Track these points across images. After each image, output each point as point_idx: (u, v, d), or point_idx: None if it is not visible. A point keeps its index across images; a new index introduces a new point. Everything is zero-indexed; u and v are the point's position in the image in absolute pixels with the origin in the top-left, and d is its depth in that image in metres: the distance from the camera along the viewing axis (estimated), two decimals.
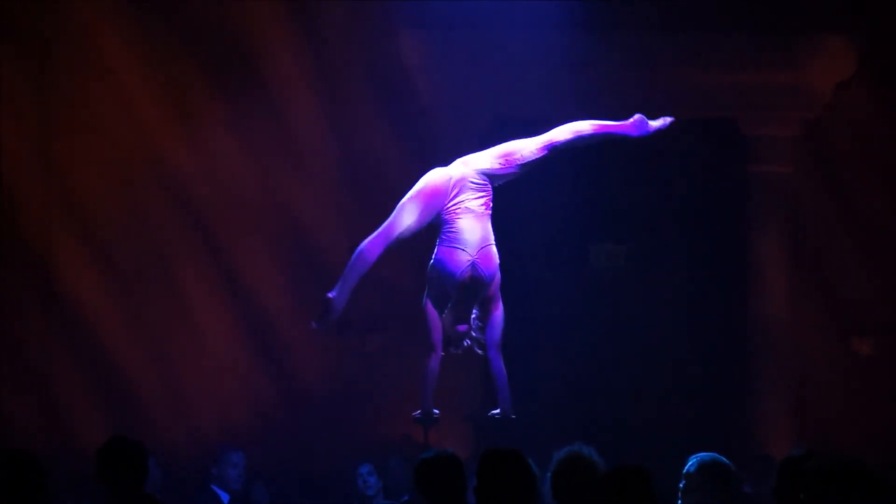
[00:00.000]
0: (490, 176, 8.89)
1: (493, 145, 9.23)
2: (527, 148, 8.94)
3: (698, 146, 13.17)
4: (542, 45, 12.21)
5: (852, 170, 13.13)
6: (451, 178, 8.87)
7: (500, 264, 8.95)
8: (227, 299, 12.74)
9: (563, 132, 9.01)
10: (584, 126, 9.09)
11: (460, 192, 8.86)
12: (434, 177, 8.87)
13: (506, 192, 9.09)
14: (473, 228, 8.82)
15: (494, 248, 8.90)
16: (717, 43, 12.73)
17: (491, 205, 8.94)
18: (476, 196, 8.87)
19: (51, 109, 12.52)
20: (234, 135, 12.74)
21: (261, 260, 12.77)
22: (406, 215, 8.90)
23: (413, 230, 8.84)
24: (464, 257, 8.79)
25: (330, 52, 12.80)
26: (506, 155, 8.92)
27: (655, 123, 9.16)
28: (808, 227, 13.17)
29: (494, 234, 8.96)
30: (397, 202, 11.78)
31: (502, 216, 9.03)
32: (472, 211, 8.84)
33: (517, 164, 8.91)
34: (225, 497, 10.98)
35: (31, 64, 12.46)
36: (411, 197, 8.89)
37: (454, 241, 8.81)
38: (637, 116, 9.10)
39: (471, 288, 8.82)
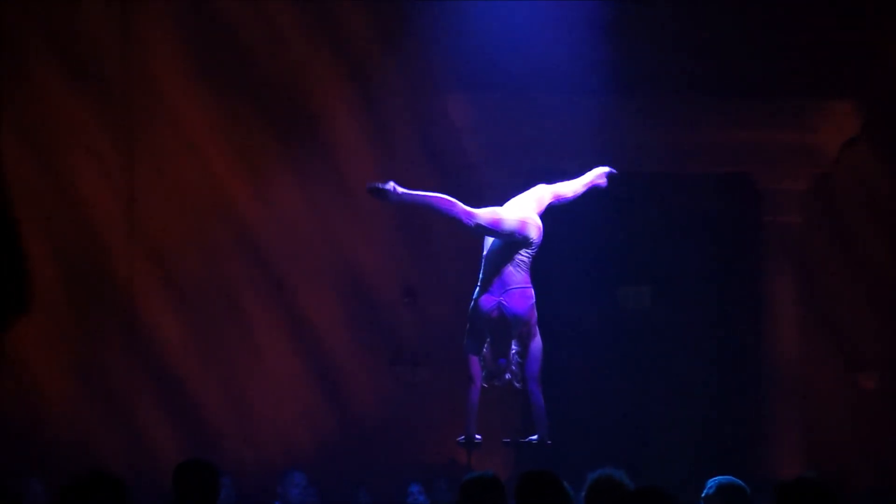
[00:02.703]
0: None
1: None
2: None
3: (718, 198, 13.23)
4: (577, 107, 12.24)
5: (857, 220, 13.15)
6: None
7: (537, 303, 8.93)
8: (291, 335, 12.74)
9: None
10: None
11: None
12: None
13: (543, 239, 9.09)
14: (506, 273, 8.83)
15: (528, 291, 8.86)
16: (735, 105, 12.78)
17: (530, 254, 8.90)
18: (519, 245, 8.86)
19: (134, 163, 12.60)
20: (298, 187, 12.77)
21: (321, 299, 12.78)
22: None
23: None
24: (492, 298, 8.80)
25: (384, 113, 12.85)
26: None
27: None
28: (817, 272, 13.15)
29: (532, 277, 8.96)
30: (447, 249, 11.83)
31: (538, 261, 9.04)
32: (511, 258, 8.84)
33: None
34: None
35: (119, 123, 12.56)
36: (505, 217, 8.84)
37: (486, 284, 8.84)
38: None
39: (501, 325, 8.82)
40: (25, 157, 12.24)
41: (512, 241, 8.82)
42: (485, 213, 8.76)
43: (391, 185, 8.69)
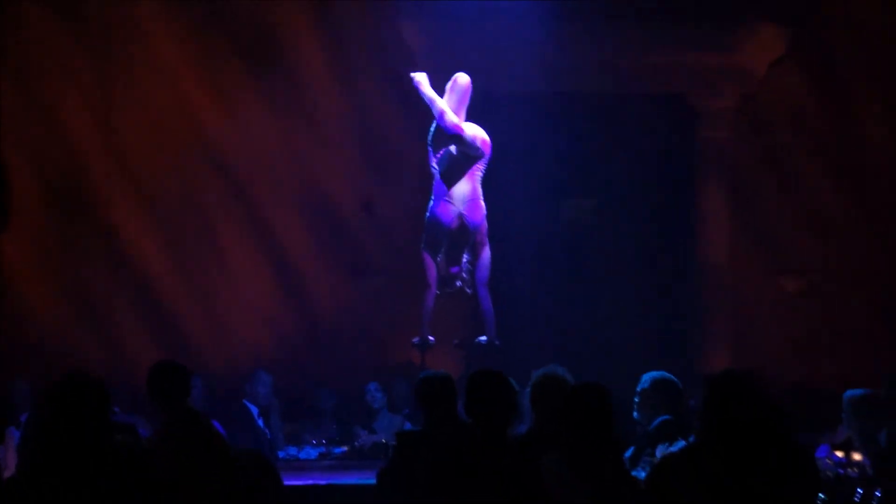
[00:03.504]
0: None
1: (480, 118, 9.41)
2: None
3: (653, 116, 13.20)
4: (522, 33, 12.28)
5: (782, 134, 13.22)
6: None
7: (487, 216, 9.13)
8: (258, 247, 12.80)
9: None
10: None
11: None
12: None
13: (491, 156, 9.27)
14: (462, 185, 9.01)
15: (481, 202, 9.07)
16: (669, 30, 12.73)
17: (483, 168, 9.10)
18: (474, 159, 9.05)
19: (110, 86, 12.61)
20: (263, 107, 12.75)
21: (286, 213, 12.82)
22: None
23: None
24: (452, 209, 8.97)
25: (344, 37, 12.87)
26: None
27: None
28: (745, 184, 13.25)
29: (483, 191, 9.15)
30: (402, 167, 11.98)
31: (487, 176, 9.23)
32: (468, 171, 9.02)
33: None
34: (255, 409, 11.10)
35: (95, 47, 12.55)
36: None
37: (445, 196, 9.00)
38: None
39: (459, 235, 9.01)
40: (7, 83, 12.26)
41: (469, 153, 9.01)
42: (454, 119, 8.97)
43: (419, 78, 9.21)
